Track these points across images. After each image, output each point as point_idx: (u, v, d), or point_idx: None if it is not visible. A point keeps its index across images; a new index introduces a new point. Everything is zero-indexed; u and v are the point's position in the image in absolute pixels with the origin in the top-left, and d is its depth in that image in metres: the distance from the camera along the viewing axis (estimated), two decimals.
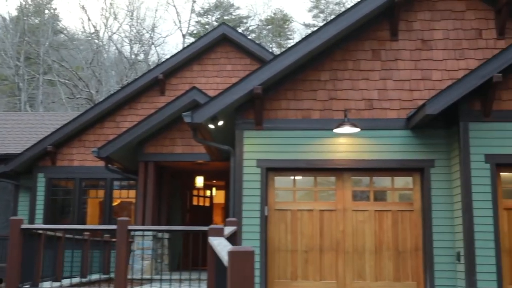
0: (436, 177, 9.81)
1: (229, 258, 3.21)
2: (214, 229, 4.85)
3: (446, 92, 9.01)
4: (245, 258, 3.21)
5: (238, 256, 3.20)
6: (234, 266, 3.21)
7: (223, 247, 3.79)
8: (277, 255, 9.98)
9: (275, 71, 9.74)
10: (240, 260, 3.21)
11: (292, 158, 10.01)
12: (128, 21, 46.46)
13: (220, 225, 4.97)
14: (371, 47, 10.30)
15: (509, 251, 9.26)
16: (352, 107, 10.09)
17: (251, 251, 3.18)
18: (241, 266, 3.20)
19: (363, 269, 9.86)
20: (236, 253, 3.20)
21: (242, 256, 3.21)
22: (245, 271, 3.21)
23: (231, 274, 3.20)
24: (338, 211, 10.03)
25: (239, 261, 3.20)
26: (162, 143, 13.78)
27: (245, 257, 3.22)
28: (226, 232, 5.49)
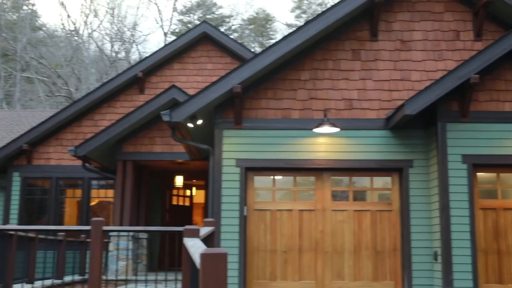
0: (414, 177, 9.86)
1: (201, 260, 3.15)
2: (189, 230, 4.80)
3: (424, 92, 9.05)
4: (218, 260, 3.15)
5: (210, 259, 3.14)
6: (206, 269, 3.14)
7: (196, 249, 3.74)
8: (256, 255, 9.95)
9: (255, 70, 9.71)
10: (212, 262, 3.14)
11: (271, 157, 9.99)
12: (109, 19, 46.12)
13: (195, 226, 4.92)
14: (351, 47, 10.31)
15: (485, 251, 9.33)
16: (332, 107, 10.09)
17: (223, 253, 3.13)
18: (213, 268, 3.14)
19: (342, 269, 9.87)
20: (208, 256, 3.14)
21: (215, 258, 3.14)
22: (218, 273, 3.15)
23: (203, 277, 3.14)
24: (318, 211, 10.03)
25: (211, 263, 3.14)
26: (141, 142, 13.66)
27: (218, 259, 3.15)
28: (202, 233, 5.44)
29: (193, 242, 4.55)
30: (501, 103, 9.51)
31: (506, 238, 9.38)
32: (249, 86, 10.10)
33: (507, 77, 9.56)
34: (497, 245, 9.36)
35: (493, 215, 9.45)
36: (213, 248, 3.27)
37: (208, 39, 16.06)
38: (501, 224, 9.42)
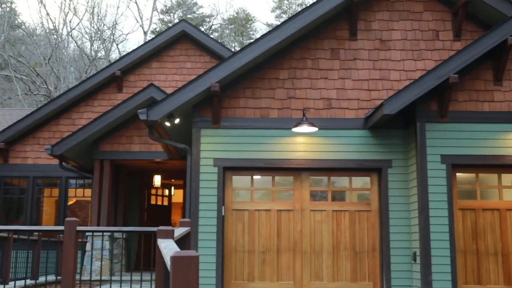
0: (393, 177, 9.81)
1: (172, 263, 3.04)
2: (163, 231, 4.68)
3: (403, 92, 9.00)
4: (189, 263, 3.04)
5: (182, 262, 3.03)
6: (177, 272, 3.04)
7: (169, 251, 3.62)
8: (234, 255, 9.83)
9: (233, 69, 9.59)
10: (183, 265, 3.04)
11: (250, 157, 9.88)
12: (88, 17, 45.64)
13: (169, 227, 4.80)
14: (330, 46, 10.24)
15: (463, 251, 9.31)
16: (311, 107, 10.01)
17: (195, 256, 3.02)
18: (184, 272, 3.03)
19: (320, 270, 9.79)
20: (180, 258, 3.03)
21: (186, 261, 3.04)
22: (189, 277, 3.05)
23: (174, 280, 3.03)
24: (296, 211, 9.94)
25: (182, 266, 3.03)
26: (118, 141, 13.47)
27: (189, 262, 3.05)
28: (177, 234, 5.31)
29: (166, 243, 4.43)
30: (480, 103, 9.49)
31: (484, 238, 9.36)
32: (228, 85, 9.98)
33: (486, 77, 9.55)
34: (476, 246, 9.34)
35: (472, 216, 9.43)
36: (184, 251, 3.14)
37: (187, 37, 15.91)
38: (480, 225, 9.40)
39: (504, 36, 9.05)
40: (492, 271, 9.28)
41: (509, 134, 9.39)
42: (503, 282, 9.24)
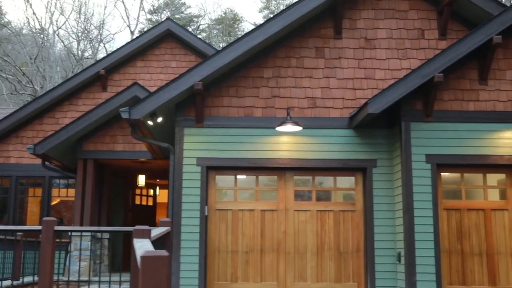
0: (378, 177, 9.73)
1: (141, 263, 2.93)
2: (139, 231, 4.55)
3: (388, 91, 8.92)
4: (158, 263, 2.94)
5: (151, 261, 2.93)
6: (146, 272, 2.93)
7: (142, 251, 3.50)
8: (217, 256, 9.72)
9: (216, 67, 9.47)
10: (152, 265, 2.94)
11: (233, 156, 9.76)
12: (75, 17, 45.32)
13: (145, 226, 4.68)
14: (315, 44, 10.15)
15: (448, 252, 9.25)
16: (295, 105, 9.92)
17: (164, 256, 2.91)
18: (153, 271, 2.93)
19: (304, 270, 9.69)
20: (149, 258, 2.93)
21: (155, 261, 2.94)
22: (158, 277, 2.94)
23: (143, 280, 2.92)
24: (280, 211, 9.84)
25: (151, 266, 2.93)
26: (102, 140, 13.29)
27: (158, 262, 2.95)
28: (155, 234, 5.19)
29: (141, 243, 4.31)
30: (465, 103, 9.44)
31: (469, 239, 9.31)
32: (211, 83, 9.87)
33: (471, 76, 9.50)
34: (460, 246, 9.29)
35: (457, 216, 9.37)
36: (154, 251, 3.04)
37: (172, 36, 15.77)
38: (465, 225, 9.35)
39: (489, 35, 9.00)
40: (476, 272, 9.23)
41: (494, 133, 9.34)
42: (488, 282, 9.18)
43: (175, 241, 9.46)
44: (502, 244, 9.29)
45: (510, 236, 9.30)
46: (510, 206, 9.39)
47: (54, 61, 40.31)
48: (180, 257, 9.43)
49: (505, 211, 9.38)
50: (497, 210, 9.39)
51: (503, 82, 9.48)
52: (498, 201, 9.52)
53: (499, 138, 9.34)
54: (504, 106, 9.42)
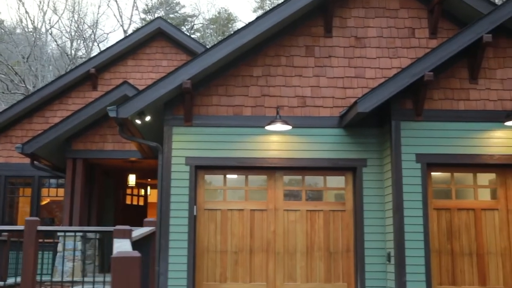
0: (368, 176, 9.66)
1: (112, 263, 2.86)
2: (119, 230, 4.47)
3: (377, 90, 8.85)
4: (129, 264, 2.88)
5: (122, 262, 2.87)
6: (117, 273, 2.88)
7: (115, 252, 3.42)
8: (206, 256, 9.63)
9: (205, 65, 9.38)
10: (124, 266, 2.87)
11: (222, 156, 9.67)
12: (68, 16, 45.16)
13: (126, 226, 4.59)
14: (305, 43, 10.07)
15: (438, 252, 9.18)
16: (285, 104, 9.84)
17: (135, 257, 2.84)
18: (124, 273, 2.86)
19: (294, 271, 9.61)
20: (119, 259, 2.87)
21: (126, 262, 2.88)
22: (129, 278, 2.86)
23: (113, 280, 2.84)
24: (269, 211, 9.76)
25: (122, 267, 2.87)
26: (91, 139, 13.20)
27: (129, 263, 2.88)
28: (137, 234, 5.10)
29: (120, 244, 4.23)
30: (456, 102, 9.38)
31: (459, 239, 9.25)
32: (200, 82, 9.78)
33: (462, 75, 9.44)
34: (450, 246, 9.22)
35: (447, 216, 9.31)
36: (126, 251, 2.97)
37: (163, 35, 15.69)
38: (455, 225, 9.29)
39: (479, 33, 8.95)
40: (467, 272, 9.17)
41: (484, 133, 9.29)
42: (478, 282, 9.13)
43: (163, 241, 9.37)
44: (492, 244, 9.23)
45: (501, 236, 9.25)
46: (500, 205, 9.33)
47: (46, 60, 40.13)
48: (169, 257, 9.34)
49: (495, 211, 9.33)
50: (488, 210, 9.33)
51: (494, 81, 9.42)
52: (488, 200, 9.47)
53: (489, 137, 9.29)
54: (495, 105, 9.37)
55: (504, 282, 9.12)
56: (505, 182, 9.39)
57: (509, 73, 9.47)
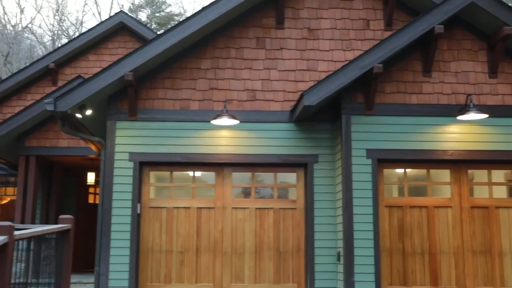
0: (319, 173, 9.32)
1: None
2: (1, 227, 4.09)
3: (324, 82, 8.50)
4: None
5: None
6: None
7: None
8: (150, 256, 9.24)
9: (148, 57, 8.98)
10: None
11: (168, 151, 9.29)
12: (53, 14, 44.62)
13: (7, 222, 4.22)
14: (256, 34, 9.71)
15: (389, 251, 8.85)
16: (234, 98, 9.48)
17: None
18: None
19: (242, 271, 9.25)
20: None
21: None
22: None
23: None
24: (217, 209, 9.39)
25: None
26: (45, 136, 12.77)
27: None
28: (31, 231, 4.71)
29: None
30: (408, 95, 9.05)
31: (411, 237, 8.91)
32: (146, 74, 9.40)
33: (415, 68, 9.11)
34: (402, 245, 8.89)
35: (399, 214, 8.98)
36: None
37: (126, 29, 15.27)
38: (407, 223, 8.95)
39: (431, 24, 8.61)
40: (418, 271, 8.84)
41: (437, 127, 8.96)
42: (430, 283, 8.80)
43: (105, 240, 8.98)
44: (445, 243, 8.91)
45: (454, 235, 8.92)
46: (454, 203, 9.01)
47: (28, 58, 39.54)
48: (110, 257, 8.94)
49: (448, 209, 9.00)
50: (441, 207, 9.01)
51: (448, 74, 9.10)
52: (441, 198, 9.14)
53: (443, 132, 8.96)
54: (448, 99, 9.04)
55: (456, 282, 8.80)
56: (459, 178, 9.07)
57: (463, 66, 9.15)
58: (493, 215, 9.03)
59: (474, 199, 9.10)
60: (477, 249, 8.93)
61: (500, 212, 9.07)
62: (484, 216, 9.03)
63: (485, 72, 9.18)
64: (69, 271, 6.68)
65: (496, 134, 9.03)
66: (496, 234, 8.98)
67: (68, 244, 6.65)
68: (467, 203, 9.01)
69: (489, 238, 8.96)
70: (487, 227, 8.99)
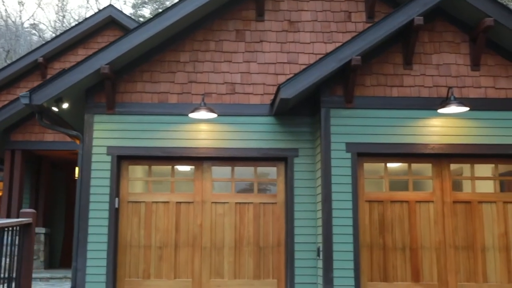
0: (299, 167, 9.19)
1: None
2: None
3: (301, 75, 8.36)
4: None
5: None
6: None
7: None
8: (129, 251, 9.15)
9: (125, 50, 8.87)
10: None
11: (147, 145, 9.19)
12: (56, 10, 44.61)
13: None
14: (236, 27, 9.58)
15: (369, 246, 8.71)
16: (213, 91, 9.36)
17: None
18: None
19: (221, 266, 9.14)
20: None
21: None
22: None
23: None
24: (196, 204, 9.28)
25: None
26: (30, 130, 12.73)
27: None
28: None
29: None
30: (389, 88, 8.90)
31: (392, 232, 8.77)
32: (124, 68, 9.30)
33: (396, 60, 8.96)
34: (383, 240, 8.75)
35: (380, 208, 8.84)
36: None
37: (115, 24, 15.21)
38: (388, 218, 8.81)
39: (410, 16, 8.46)
40: (399, 267, 8.70)
41: (419, 121, 8.81)
42: (411, 279, 8.66)
43: (82, 236, 8.89)
44: (427, 238, 8.76)
45: (435, 230, 8.78)
46: (435, 197, 8.86)
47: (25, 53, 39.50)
48: (87, 252, 8.86)
49: (430, 203, 8.86)
50: (422, 202, 8.86)
51: (429, 67, 8.94)
52: (423, 192, 8.99)
53: (424, 126, 8.81)
54: (430, 92, 8.89)
55: (438, 278, 8.66)
56: (441, 173, 8.92)
57: (445, 58, 8.99)
58: (475, 210, 8.88)
59: (457, 193, 8.94)
60: (460, 244, 8.78)
61: (483, 207, 8.91)
62: (467, 211, 8.87)
63: (468, 65, 9.02)
64: (30, 266, 6.59)
65: (479, 128, 8.87)
66: (479, 229, 8.83)
67: (29, 238, 6.55)
68: (449, 197, 8.86)
69: (472, 234, 8.81)
70: (469, 222, 8.84)
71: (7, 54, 37.68)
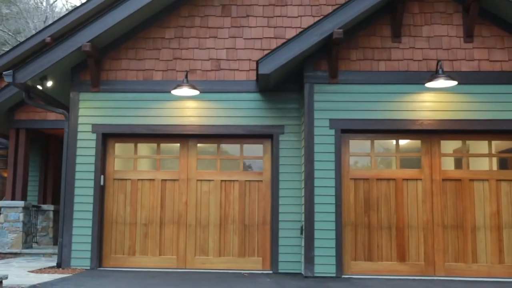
0: (285, 144, 9.00)
1: None
2: None
3: (280, 50, 8.14)
4: None
5: None
6: None
7: None
8: (114, 228, 9.17)
9: (106, 27, 8.79)
10: None
11: (132, 123, 9.14)
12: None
13: None
14: (221, 2, 9.38)
15: (354, 225, 8.50)
16: (198, 68, 9.22)
17: None
18: None
19: (206, 244, 9.08)
20: None
21: None
22: None
23: None
24: (182, 181, 9.21)
25: None
26: (34, 109, 12.76)
27: None
28: None
29: None
30: (376, 62, 8.60)
31: (378, 211, 8.53)
32: (109, 45, 9.24)
33: (383, 33, 8.64)
34: (368, 219, 8.52)
35: (366, 186, 8.60)
36: None
37: None
38: (374, 196, 8.57)
39: None
40: (384, 247, 8.47)
41: (407, 96, 8.50)
42: (396, 258, 8.42)
43: (68, 212, 8.94)
44: (414, 217, 8.49)
45: (423, 208, 8.50)
46: (424, 175, 8.56)
47: None
48: (73, 228, 8.91)
49: (418, 181, 8.57)
50: (410, 180, 8.57)
51: (419, 39, 8.59)
52: (410, 170, 8.68)
53: (413, 101, 8.50)
54: (419, 66, 8.55)
55: (425, 258, 8.40)
56: (430, 149, 8.60)
57: (436, 30, 8.63)
58: (466, 188, 8.55)
59: (447, 171, 8.62)
60: (449, 223, 8.49)
61: (475, 185, 8.57)
62: (457, 189, 8.56)
63: (460, 37, 8.63)
64: None
65: (471, 103, 8.51)
66: (469, 208, 8.51)
67: None
68: (439, 175, 8.56)
69: (462, 212, 8.50)
70: (459, 201, 8.53)
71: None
